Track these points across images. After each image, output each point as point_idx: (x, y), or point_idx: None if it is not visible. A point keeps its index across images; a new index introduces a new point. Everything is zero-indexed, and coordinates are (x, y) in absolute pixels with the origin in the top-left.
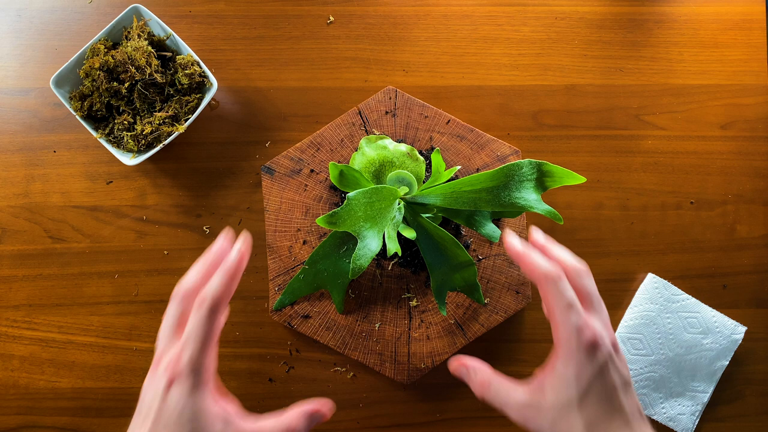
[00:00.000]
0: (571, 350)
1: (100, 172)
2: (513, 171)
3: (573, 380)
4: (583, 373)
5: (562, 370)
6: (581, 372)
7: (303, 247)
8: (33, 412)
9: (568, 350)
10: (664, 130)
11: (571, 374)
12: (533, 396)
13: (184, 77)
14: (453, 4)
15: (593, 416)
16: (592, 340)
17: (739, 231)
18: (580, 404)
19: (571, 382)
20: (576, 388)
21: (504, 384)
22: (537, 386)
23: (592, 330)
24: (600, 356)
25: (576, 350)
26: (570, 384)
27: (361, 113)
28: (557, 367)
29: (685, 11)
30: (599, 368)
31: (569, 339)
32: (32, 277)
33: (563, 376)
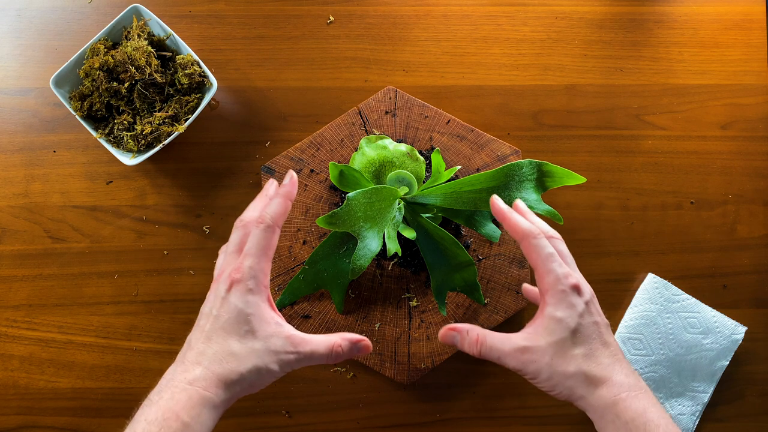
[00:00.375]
0: (558, 294)
1: (100, 172)
2: (513, 171)
3: (565, 319)
4: (573, 312)
5: (553, 313)
6: (571, 312)
7: (303, 247)
8: (33, 412)
9: (556, 294)
10: (664, 130)
11: (561, 315)
12: (529, 340)
13: (184, 77)
14: (453, 4)
15: (587, 348)
16: (576, 284)
17: (739, 231)
18: (574, 339)
19: (563, 321)
20: (569, 326)
21: (498, 336)
22: (531, 331)
23: (575, 277)
24: (584, 298)
25: (563, 293)
26: (562, 323)
27: (361, 113)
28: (547, 311)
29: (685, 11)
30: (586, 307)
31: (556, 284)
32: (32, 277)
33: (555, 318)
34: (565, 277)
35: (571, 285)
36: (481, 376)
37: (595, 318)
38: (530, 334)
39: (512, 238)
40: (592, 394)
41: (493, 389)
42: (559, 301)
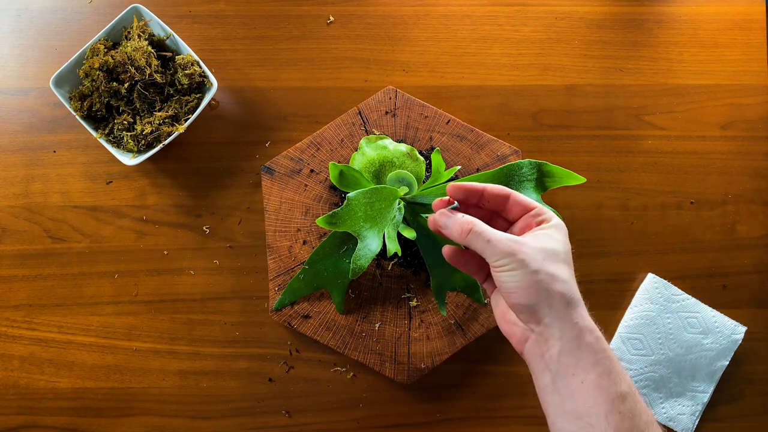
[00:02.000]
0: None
1: (100, 172)
2: (513, 171)
3: (561, 242)
4: (565, 241)
5: (552, 234)
6: (564, 240)
7: (303, 247)
8: (33, 412)
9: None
10: (664, 130)
11: (558, 237)
12: (523, 239)
13: (184, 77)
14: (453, 4)
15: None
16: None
17: (739, 231)
18: (566, 258)
19: (559, 242)
20: (563, 246)
21: (488, 226)
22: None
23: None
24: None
25: (560, 224)
26: (558, 242)
27: (361, 113)
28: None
29: (685, 11)
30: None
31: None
32: (32, 277)
33: (552, 236)
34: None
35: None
36: (481, 376)
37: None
38: (525, 237)
39: None
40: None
41: (493, 389)
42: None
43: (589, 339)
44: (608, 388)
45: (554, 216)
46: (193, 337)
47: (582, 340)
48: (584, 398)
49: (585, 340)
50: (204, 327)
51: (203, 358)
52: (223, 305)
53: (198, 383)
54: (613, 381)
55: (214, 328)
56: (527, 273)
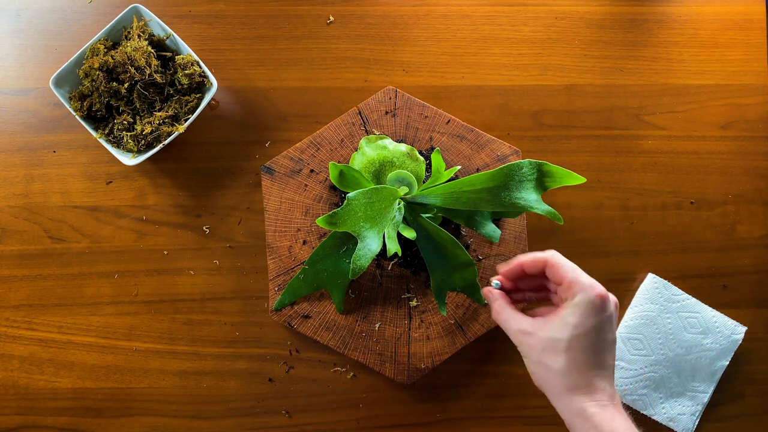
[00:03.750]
0: (580, 302)
1: (100, 172)
2: (513, 171)
3: (572, 326)
4: (584, 323)
5: (566, 315)
6: (582, 322)
7: (303, 247)
8: (33, 412)
9: (578, 301)
10: (664, 130)
11: (571, 321)
12: (533, 326)
13: (184, 77)
14: (453, 4)
15: (577, 361)
16: (603, 297)
17: (739, 231)
18: (569, 347)
19: (569, 327)
20: (571, 332)
21: (514, 313)
22: (538, 322)
23: (601, 289)
24: (604, 313)
25: (583, 303)
26: (567, 327)
27: (361, 113)
28: (562, 312)
29: (685, 11)
30: (599, 323)
31: (581, 293)
32: (32, 277)
33: (564, 320)
34: (592, 287)
35: (597, 295)
36: (481, 376)
37: (605, 336)
38: (537, 323)
39: (512, 238)
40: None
41: (493, 389)
42: (577, 307)
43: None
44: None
45: (582, 290)
46: (193, 337)
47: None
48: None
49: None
50: (204, 327)
51: (203, 358)
52: (223, 305)
53: (198, 383)
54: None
55: (214, 328)
56: (529, 363)
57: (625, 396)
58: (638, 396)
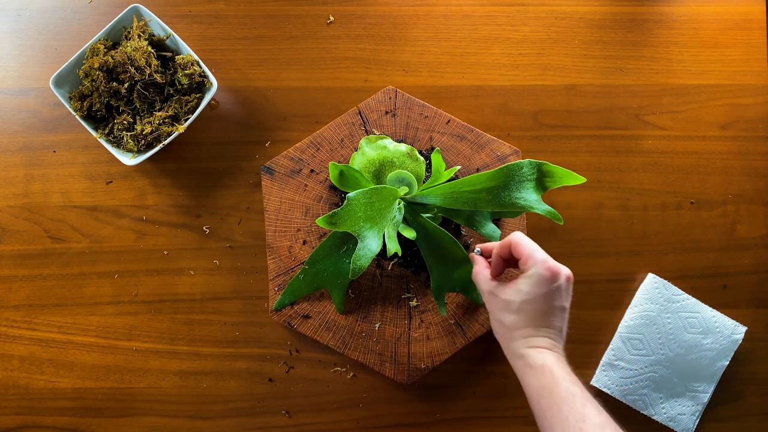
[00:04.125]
0: (533, 274)
1: (100, 172)
2: (513, 171)
3: (523, 292)
4: (533, 291)
5: (520, 284)
6: (532, 290)
7: (303, 247)
8: (33, 412)
9: (531, 273)
10: (664, 130)
11: (524, 288)
12: (496, 290)
13: (184, 77)
14: (453, 4)
15: (524, 319)
16: (553, 271)
17: (739, 231)
18: (519, 309)
19: (520, 293)
20: (522, 297)
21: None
22: (501, 286)
23: (552, 264)
24: (553, 284)
25: (536, 275)
26: (519, 293)
27: (361, 113)
28: (519, 281)
29: (685, 11)
30: (547, 292)
31: (533, 266)
32: (32, 277)
33: (518, 287)
34: (545, 262)
35: (548, 270)
36: (481, 376)
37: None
38: (499, 287)
39: None
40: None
41: (493, 389)
42: (530, 279)
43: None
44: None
45: (535, 264)
46: (193, 337)
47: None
48: None
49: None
50: (204, 327)
51: (203, 358)
52: (223, 305)
53: (198, 383)
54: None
55: (214, 328)
56: (491, 319)
57: (625, 396)
58: (638, 396)
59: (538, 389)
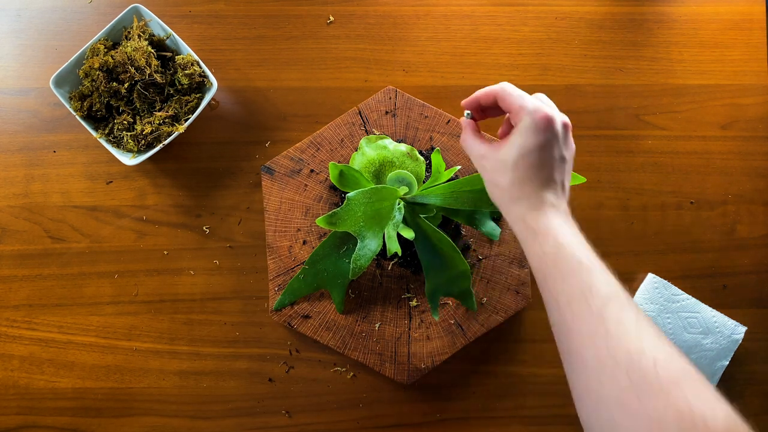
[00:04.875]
0: (525, 125)
1: (100, 172)
2: None
3: (517, 146)
4: (528, 143)
5: (513, 139)
6: (526, 142)
7: (303, 247)
8: (33, 412)
9: (523, 125)
10: (664, 130)
11: (517, 142)
12: (488, 151)
13: (184, 77)
14: (453, 4)
15: (522, 176)
16: (546, 117)
17: (739, 231)
18: (515, 165)
19: (515, 147)
20: (517, 152)
21: (476, 141)
22: (493, 146)
23: (545, 111)
24: (549, 132)
25: (529, 125)
26: (514, 148)
27: (361, 113)
28: (511, 137)
29: (685, 11)
30: (543, 142)
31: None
32: (32, 277)
33: (512, 142)
34: (536, 111)
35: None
36: (481, 376)
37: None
38: (492, 148)
39: (512, 239)
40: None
41: (493, 389)
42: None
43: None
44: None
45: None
46: (193, 337)
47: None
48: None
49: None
50: (204, 327)
51: (203, 358)
52: (223, 305)
53: (198, 383)
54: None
55: (214, 328)
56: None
57: None
58: None
59: (540, 256)
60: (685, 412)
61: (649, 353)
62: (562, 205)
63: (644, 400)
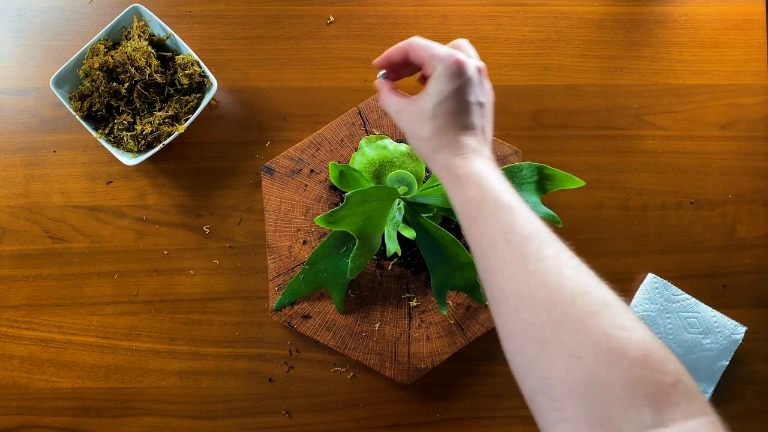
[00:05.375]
0: (438, 73)
1: (100, 172)
2: (513, 173)
3: (433, 95)
4: (443, 90)
5: (429, 88)
6: (441, 89)
7: (303, 247)
8: (33, 412)
9: (436, 73)
10: (664, 130)
11: (432, 91)
12: (406, 105)
13: (184, 77)
14: (453, 4)
15: (441, 124)
16: (458, 62)
17: (739, 231)
18: (433, 114)
19: (431, 96)
20: (433, 101)
21: (393, 97)
22: (410, 99)
23: (457, 56)
24: (462, 77)
25: (442, 72)
26: (430, 97)
27: (361, 113)
28: (427, 87)
29: (685, 11)
30: (458, 87)
31: (437, 64)
32: (32, 277)
33: (427, 92)
34: (448, 57)
35: (451, 64)
36: (481, 376)
37: (466, 98)
38: (409, 101)
39: None
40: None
41: (493, 389)
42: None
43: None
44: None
45: (440, 61)
46: (193, 337)
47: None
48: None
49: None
50: (204, 327)
51: (203, 358)
52: (223, 305)
53: (198, 383)
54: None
55: (214, 328)
56: (408, 138)
57: None
58: None
59: (463, 201)
60: (601, 341)
61: (567, 287)
62: (485, 150)
63: (563, 335)
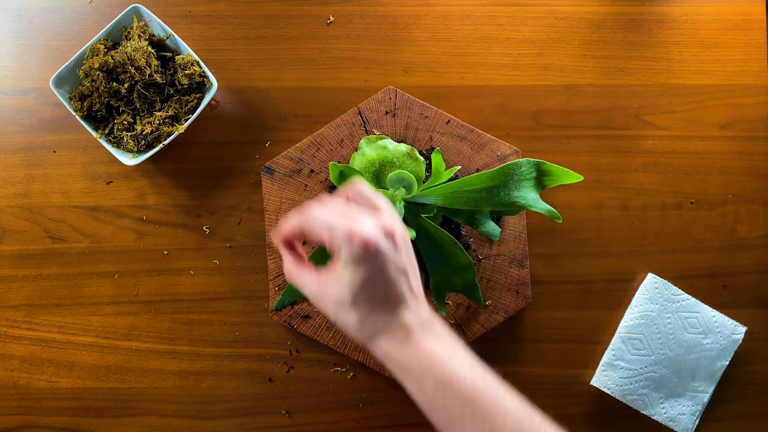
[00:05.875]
0: (345, 258)
1: (100, 172)
2: (512, 170)
3: (346, 284)
4: (355, 278)
5: (339, 274)
6: (353, 278)
7: (303, 247)
8: (33, 412)
9: (343, 258)
10: (664, 130)
11: (345, 279)
12: (320, 289)
13: (184, 77)
14: (453, 4)
15: (366, 309)
16: (364, 244)
17: (739, 231)
18: (353, 304)
19: (345, 285)
20: (349, 291)
21: (303, 273)
22: (323, 281)
23: (360, 235)
24: (372, 260)
25: (348, 259)
26: (345, 286)
27: (361, 113)
28: (337, 271)
29: (685, 11)
30: (373, 271)
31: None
32: (32, 277)
33: (339, 279)
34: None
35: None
36: None
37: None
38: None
39: (512, 238)
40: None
41: None
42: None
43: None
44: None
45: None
46: (193, 337)
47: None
48: None
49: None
50: (204, 327)
51: (203, 358)
52: (223, 305)
53: (198, 383)
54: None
55: (214, 328)
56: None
57: (625, 396)
58: (638, 396)
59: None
60: None
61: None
62: (422, 313)
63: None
